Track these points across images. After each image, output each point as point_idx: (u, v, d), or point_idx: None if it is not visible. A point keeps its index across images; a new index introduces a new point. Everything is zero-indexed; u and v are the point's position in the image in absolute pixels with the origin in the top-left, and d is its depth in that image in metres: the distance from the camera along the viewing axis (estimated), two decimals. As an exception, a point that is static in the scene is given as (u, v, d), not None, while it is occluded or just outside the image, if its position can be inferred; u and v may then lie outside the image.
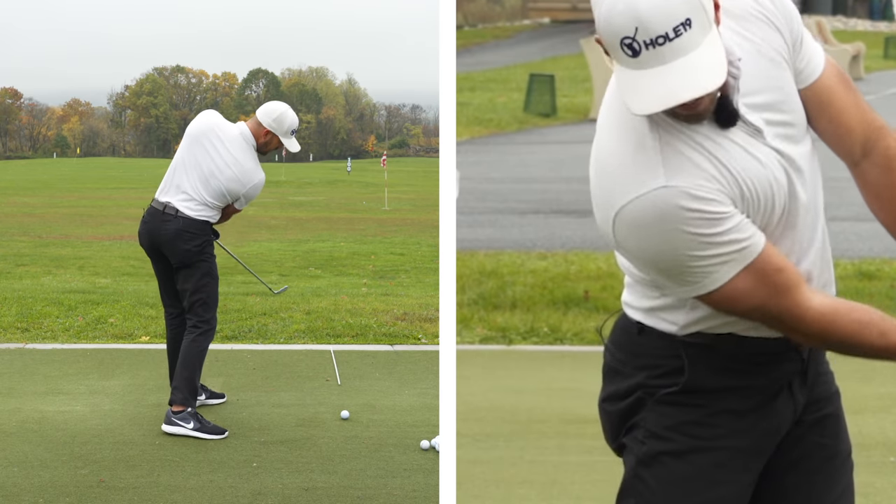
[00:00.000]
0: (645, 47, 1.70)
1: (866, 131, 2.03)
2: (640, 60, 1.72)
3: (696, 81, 1.72)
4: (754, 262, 1.87)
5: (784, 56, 1.94)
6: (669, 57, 1.71)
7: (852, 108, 2.02)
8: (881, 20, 30.02)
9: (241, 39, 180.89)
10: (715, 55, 1.73)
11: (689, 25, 1.69)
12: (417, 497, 4.23)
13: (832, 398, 2.15)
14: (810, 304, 1.92)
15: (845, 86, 2.02)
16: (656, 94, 1.73)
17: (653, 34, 1.69)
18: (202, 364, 5.16)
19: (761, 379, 2.04)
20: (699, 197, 1.82)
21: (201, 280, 5.10)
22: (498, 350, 6.54)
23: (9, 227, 18.19)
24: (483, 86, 19.34)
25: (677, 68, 1.71)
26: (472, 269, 7.80)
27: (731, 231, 1.83)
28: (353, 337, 7.64)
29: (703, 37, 1.71)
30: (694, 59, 1.71)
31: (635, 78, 1.74)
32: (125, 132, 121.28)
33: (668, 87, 1.72)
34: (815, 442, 2.11)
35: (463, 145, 13.57)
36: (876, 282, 7.40)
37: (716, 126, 1.86)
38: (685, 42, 1.70)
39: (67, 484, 4.29)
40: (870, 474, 4.28)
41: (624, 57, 1.74)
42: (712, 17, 1.74)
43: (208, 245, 5.15)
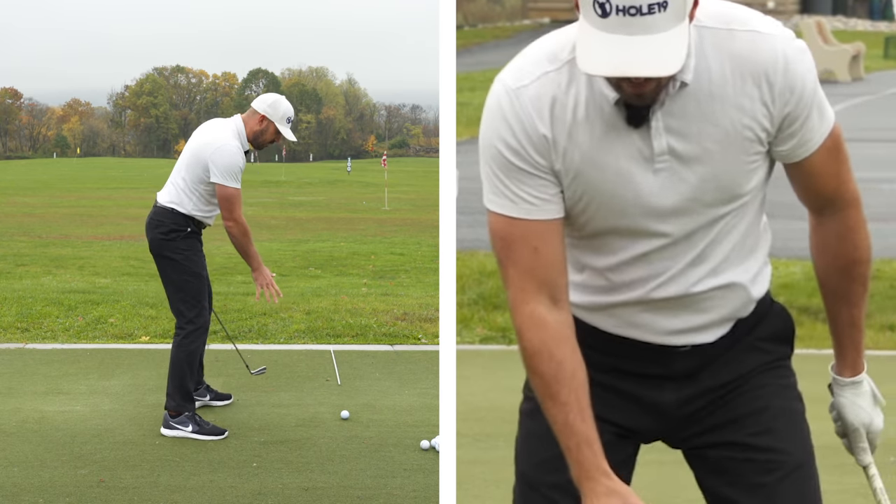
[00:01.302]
0: (615, 12, 1.69)
1: (834, 199, 2.02)
2: (607, 23, 1.71)
3: (653, 61, 1.71)
4: (517, 222, 1.92)
5: (756, 133, 1.89)
6: (635, 30, 1.70)
7: (831, 180, 1.99)
8: (881, 20, 30.02)
9: (241, 39, 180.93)
10: (677, 45, 1.71)
11: (664, 7, 1.68)
12: (417, 497, 4.23)
13: (760, 413, 2.06)
14: (523, 309, 1.93)
15: (834, 159, 1.97)
16: (609, 60, 1.72)
17: (628, 2, 1.68)
18: (193, 366, 5.08)
19: (611, 359, 2.08)
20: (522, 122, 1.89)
21: (178, 276, 5.02)
22: (498, 350, 6.54)
23: (9, 227, 18.19)
24: (483, 86, 19.26)
25: (638, 43, 1.70)
26: (472, 269, 7.81)
27: (518, 174, 1.89)
28: (353, 337, 7.65)
29: (674, 24, 1.71)
30: (657, 41, 1.70)
31: (595, 38, 1.73)
32: (125, 132, 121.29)
33: (622, 57, 1.71)
34: (745, 459, 2.04)
35: (463, 145, 13.56)
36: (876, 282, 7.41)
37: (622, 118, 1.86)
38: (655, 21, 1.69)
39: (67, 484, 4.29)
40: (870, 474, 4.28)
41: (592, 14, 1.73)
42: (688, 10, 1.73)
43: (179, 238, 5.02)
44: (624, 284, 2.02)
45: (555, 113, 1.88)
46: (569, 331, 1.94)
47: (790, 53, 1.85)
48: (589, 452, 1.89)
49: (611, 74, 1.73)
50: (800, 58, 1.86)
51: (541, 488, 2.08)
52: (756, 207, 2.01)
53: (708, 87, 1.84)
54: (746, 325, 2.08)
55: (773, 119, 1.88)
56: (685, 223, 1.93)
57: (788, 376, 2.13)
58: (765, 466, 2.04)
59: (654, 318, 2.03)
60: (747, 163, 1.90)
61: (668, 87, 1.82)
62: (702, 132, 1.86)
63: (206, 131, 5.13)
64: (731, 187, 1.91)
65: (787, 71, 1.85)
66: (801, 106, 1.88)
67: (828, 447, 2.32)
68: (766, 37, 1.85)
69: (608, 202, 1.92)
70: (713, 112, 1.85)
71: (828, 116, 1.94)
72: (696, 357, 2.06)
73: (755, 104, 1.86)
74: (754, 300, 2.07)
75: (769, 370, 2.10)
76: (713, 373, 2.07)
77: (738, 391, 2.08)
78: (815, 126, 1.92)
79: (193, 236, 5.08)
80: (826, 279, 2.12)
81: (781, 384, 2.11)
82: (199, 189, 5.01)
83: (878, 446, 2.28)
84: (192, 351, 5.04)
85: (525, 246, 1.92)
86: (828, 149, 1.95)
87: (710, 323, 2.04)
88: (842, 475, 4.13)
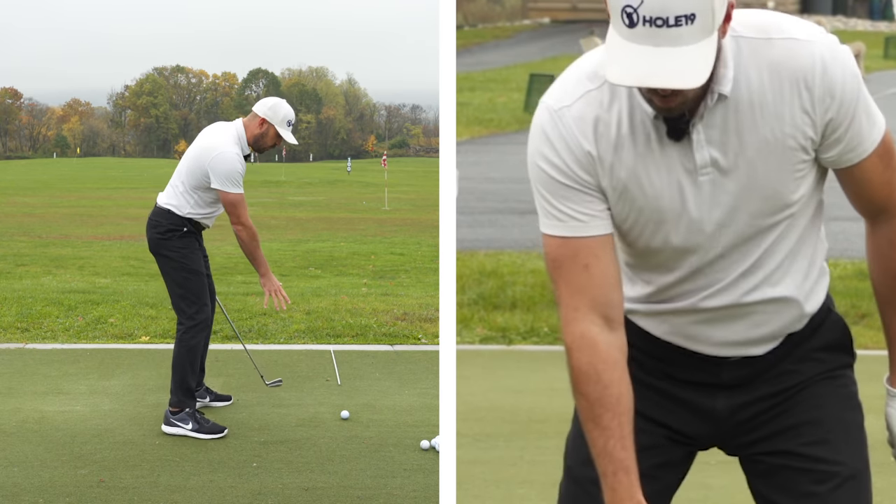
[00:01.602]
0: (643, 23, 1.70)
1: (887, 206, 2.00)
2: (633, 33, 1.72)
3: (675, 75, 1.71)
4: (567, 241, 1.94)
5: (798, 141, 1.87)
6: (662, 41, 1.70)
7: (883, 188, 1.97)
8: (881, 20, 30.03)
9: (242, 39, 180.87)
10: (703, 60, 1.71)
11: (692, 20, 1.68)
12: (417, 497, 4.23)
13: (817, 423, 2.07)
14: (574, 328, 1.93)
15: (886, 166, 1.95)
16: (633, 70, 1.73)
17: (654, 13, 1.68)
18: (195, 363, 5.09)
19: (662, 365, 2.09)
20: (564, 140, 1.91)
21: (177, 274, 5.05)
22: (498, 350, 6.54)
23: (9, 227, 18.19)
24: (483, 86, 19.35)
25: (663, 55, 1.70)
26: (472, 269, 7.81)
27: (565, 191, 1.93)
28: (353, 337, 7.64)
29: (701, 38, 1.71)
30: (683, 54, 1.70)
31: (622, 48, 1.74)
32: (125, 132, 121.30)
33: (647, 68, 1.72)
34: (799, 468, 2.06)
35: (463, 145, 13.58)
36: (876, 282, 7.41)
37: (662, 132, 1.87)
38: (682, 34, 1.69)
39: (67, 484, 4.29)
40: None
41: (620, 24, 1.73)
42: (718, 24, 1.73)
43: (175, 236, 5.05)
44: (675, 294, 2.03)
45: (598, 130, 1.90)
46: (620, 354, 1.93)
47: (828, 58, 1.83)
48: (626, 480, 1.90)
49: (633, 84, 1.74)
50: (839, 62, 1.84)
51: (583, 483, 2.11)
52: (809, 217, 1.99)
53: (748, 97, 1.84)
54: (800, 336, 2.07)
55: (816, 126, 1.86)
56: (733, 234, 1.93)
57: (847, 385, 2.14)
58: (818, 477, 2.04)
59: (704, 329, 2.04)
60: (792, 171, 1.89)
61: (707, 100, 1.83)
62: (743, 143, 1.86)
63: (207, 136, 5.15)
64: (776, 197, 1.90)
65: (825, 75, 1.83)
66: (844, 111, 1.86)
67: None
68: (804, 43, 1.83)
69: (655, 216, 1.93)
70: (754, 122, 1.85)
71: (878, 122, 1.91)
72: (746, 368, 2.07)
73: (795, 111, 1.85)
74: (808, 315, 2.06)
75: (827, 379, 2.10)
76: (767, 381, 2.08)
77: (795, 399, 2.08)
78: (862, 131, 1.89)
79: (190, 235, 5.10)
80: (879, 287, 2.10)
81: (840, 394, 2.11)
82: (197, 193, 5.06)
83: (877, 446, 2.28)
84: (192, 347, 5.06)
85: (576, 264, 1.93)
86: (879, 155, 1.92)
87: (760, 338, 2.04)
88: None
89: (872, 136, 1.90)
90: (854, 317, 6.86)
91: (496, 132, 15.44)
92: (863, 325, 6.77)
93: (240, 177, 5.01)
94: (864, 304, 7.01)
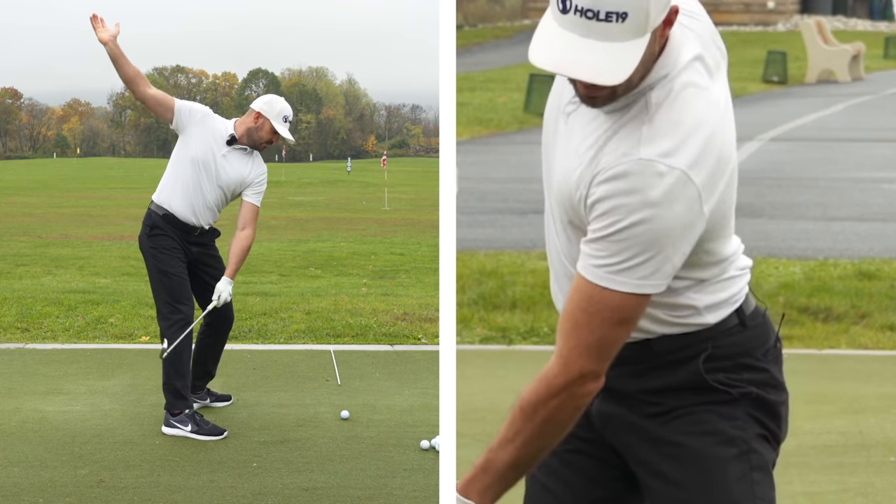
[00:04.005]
0: (574, 11, 1.70)
1: None
2: (564, 19, 1.72)
3: (593, 68, 1.71)
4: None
5: None
6: (589, 33, 1.70)
7: None
8: (881, 20, 30.03)
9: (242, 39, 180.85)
10: (626, 60, 1.71)
11: (622, 18, 1.68)
12: (417, 497, 4.23)
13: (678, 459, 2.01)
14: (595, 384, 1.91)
15: None
16: (555, 55, 1.73)
17: (587, 4, 1.68)
18: (178, 364, 4.98)
19: None
20: None
21: (151, 274, 5.06)
22: (498, 350, 6.54)
23: (9, 227, 18.17)
24: (483, 86, 19.33)
25: (588, 47, 1.70)
26: (472, 269, 7.80)
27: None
28: (353, 337, 7.64)
29: (630, 38, 1.70)
30: (606, 49, 1.70)
31: (551, 32, 1.74)
32: (125, 132, 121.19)
33: (567, 56, 1.72)
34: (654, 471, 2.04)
35: (463, 145, 13.57)
36: (876, 282, 7.40)
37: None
38: (610, 30, 1.69)
39: (67, 484, 4.29)
40: (870, 474, 4.27)
41: (555, 7, 1.74)
42: (651, 28, 1.72)
43: (160, 237, 5.02)
44: None
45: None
46: None
47: None
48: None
49: (550, 70, 1.74)
50: None
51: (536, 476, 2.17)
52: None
53: None
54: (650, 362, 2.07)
55: None
56: None
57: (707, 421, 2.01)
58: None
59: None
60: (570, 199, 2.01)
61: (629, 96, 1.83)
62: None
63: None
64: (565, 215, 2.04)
65: None
66: None
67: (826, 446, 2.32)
68: None
69: None
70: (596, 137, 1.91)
71: None
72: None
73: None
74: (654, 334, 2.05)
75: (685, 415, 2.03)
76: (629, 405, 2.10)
77: (656, 438, 2.04)
78: None
79: (166, 236, 5.05)
80: None
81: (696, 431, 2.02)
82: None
83: (877, 446, 2.28)
84: (178, 349, 4.94)
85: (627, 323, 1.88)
86: None
87: None
88: (842, 475, 4.13)
89: None
90: (854, 317, 6.85)
91: (496, 132, 15.41)
92: (863, 325, 6.77)
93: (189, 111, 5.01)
94: (863, 304, 7.00)
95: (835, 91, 19.16)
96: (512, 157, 13.54)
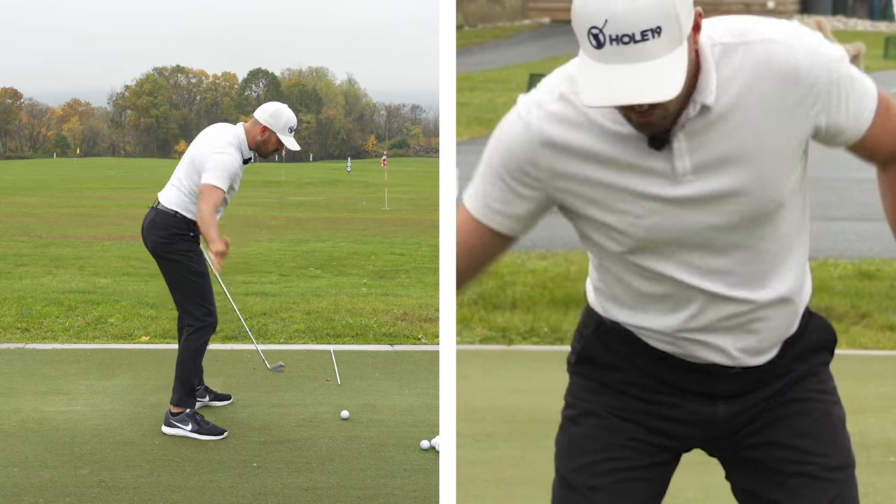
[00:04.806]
0: (609, 42, 1.70)
1: (894, 152, 2.05)
2: (602, 53, 1.72)
3: (647, 89, 1.71)
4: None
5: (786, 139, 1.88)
6: (630, 58, 1.70)
7: (892, 141, 2.01)
8: (881, 20, 30.03)
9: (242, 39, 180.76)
10: (675, 70, 1.71)
11: (658, 33, 1.68)
12: (417, 497, 4.23)
13: (807, 415, 2.09)
14: None
15: (888, 122, 1.98)
16: (606, 90, 1.73)
17: (620, 31, 1.69)
18: (198, 364, 5.13)
19: (681, 378, 2.08)
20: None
21: (183, 276, 5.05)
22: (498, 350, 6.54)
23: (9, 227, 18.18)
24: (483, 86, 19.35)
25: (635, 72, 1.70)
26: (472, 269, 7.80)
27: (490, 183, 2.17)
28: (353, 337, 7.64)
29: (670, 49, 1.70)
30: (653, 67, 1.70)
31: (593, 69, 1.74)
32: (125, 132, 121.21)
33: (619, 86, 1.72)
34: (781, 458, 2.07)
35: (463, 145, 13.56)
36: (876, 282, 7.40)
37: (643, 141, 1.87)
38: (649, 48, 1.69)
39: (67, 484, 4.29)
40: (870, 474, 4.27)
41: (588, 46, 1.74)
42: (685, 35, 1.72)
43: (181, 239, 5.05)
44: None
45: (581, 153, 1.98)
46: None
47: (808, 53, 1.85)
48: None
49: (609, 105, 1.74)
50: (818, 55, 1.85)
51: (581, 490, 2.12)
52: (798, 212, 2.00)
53: (733, 103, 1.84)
54: (793, 339, 2.09)
55: (809, 120, 1.88)
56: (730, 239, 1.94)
57: (828, 381, 2.15)
58: (804, 469, 2.05)
59: (713, 339, 2.03)
60: (781, 168, 1.90)
61: (689, 110, 1.82)
62: (730, 148, 1.86)
63: (209, 138, 5.13)
64: (770, 196, 1.91)
65: (809, 71, 1.84)
66: (833, 100, 1.88)
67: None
68: (780, 43, 1.84)
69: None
70: (740, 127, 1.85)
71: (869, 92, 1.94)
72: (743, 380, 2.07)
73: (783, 110, 1.85)
74: (799, 315, 2.07)
75: (811, 375, 2.12)
76: (763, 387, 2.09)
77: (785, 396, 2.09)
78: (858, 107, 1.92)
79: (194, 240, 5.11)
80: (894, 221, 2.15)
81: (822, 388, 2.13)
82: (192, 185, 5.04)
83: (877, 446, 2.30)
84: (198, 347, 5.08)
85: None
86: (880, 117, 1.96)
87: (762, 346, 2.04)
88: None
89: (869, 106, 1.93)
90: (854, 317, 6.86)
91: (496, 132, 15.43)
92: (863, 325, 6.77)
93: (227, 176, 4.95)
94: (863, 304, 7.00)
95: (835, 91, 19.11)
96: (512, 157, 13.54)
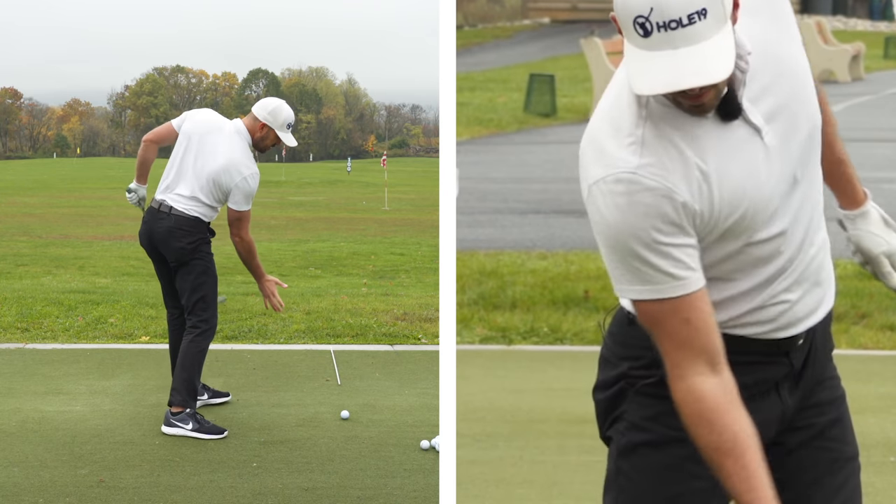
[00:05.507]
0: (657, 29, 1.71)
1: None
2: (651, 42, 1.72)
3: (703, 70, 1.72)
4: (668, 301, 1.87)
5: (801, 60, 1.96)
6: (680, 42, 1.71)
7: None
8: (881, 20, 30.02)
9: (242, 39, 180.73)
10: (725, 48, 1.73)
11: (703, 15, 1.70)
12: (417, 497, 4.23)
13: (837, 402, 2.14)
14: (680, 385, 1.88)
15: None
16: (661, 77, 1.73)
17: (666, 17, 1.69)
18: (202, 365, 5.15)
19: (744, 377, 1.99)
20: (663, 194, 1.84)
21: (198, 279, 5.09)
22: (498, 350, 6.54)
23: (9, 227, 18.17)
24: (483, 86, 19.32)
25: (685, 55, 1.71)
26: (472, 269, 7.80)
27: (673, 250, 1.85)
28: (353, 337, 7.64)
29: (717, 29, 1.72)
30: (703, 49, 1.71)
31: (643, 59, 1.75)
32: (125, 132, 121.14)
33: (674, 72, 1.72)
34: (818, 447, 2.10)
35: (463, 145, 13.56)
36: (876, 282, 7.37)
37: (718, 121, 1.86)
38: (698, 30, 1.70)
39: (67, 484, 4.29)
40: (870, 474, 4.26)
41: (635, 36, 1.74)
42: (729, 12, 1.74)
43: (203, 243, 5.12)
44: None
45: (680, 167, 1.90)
46: (727, 396, 1.88)
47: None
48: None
49: (664, 91, 1.74)
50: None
51: None
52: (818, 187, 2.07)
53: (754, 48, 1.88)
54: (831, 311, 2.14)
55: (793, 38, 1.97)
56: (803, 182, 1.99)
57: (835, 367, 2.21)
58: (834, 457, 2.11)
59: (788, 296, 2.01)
60: (810, 93, 1.98)
61: (739, 75, 1.85)
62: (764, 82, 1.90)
63: (232, 156, 5.10)
64: (815, 125, 1.98)
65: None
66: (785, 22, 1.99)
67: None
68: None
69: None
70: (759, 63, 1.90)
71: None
72: (805, 348, 2.08)
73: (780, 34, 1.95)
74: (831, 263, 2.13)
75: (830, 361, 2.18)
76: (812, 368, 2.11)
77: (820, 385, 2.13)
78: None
79: (209, 242, 5.21)
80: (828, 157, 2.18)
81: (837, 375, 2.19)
82: (209, 199, 5.12)
83: (877, 446, 2.32)
84: (203, 349, 5.13)
85: (676, 318, 1.88)
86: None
87: (822, 296, 2.08)
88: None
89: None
90: (854, 317, 6.86)
91: (496, 132, 15.41)
92: (863, 325, 6.77)
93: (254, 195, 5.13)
94: (863, 304, 7.00)
95: (835, 91, 19.15)
96: (512, 157, 13.54)
